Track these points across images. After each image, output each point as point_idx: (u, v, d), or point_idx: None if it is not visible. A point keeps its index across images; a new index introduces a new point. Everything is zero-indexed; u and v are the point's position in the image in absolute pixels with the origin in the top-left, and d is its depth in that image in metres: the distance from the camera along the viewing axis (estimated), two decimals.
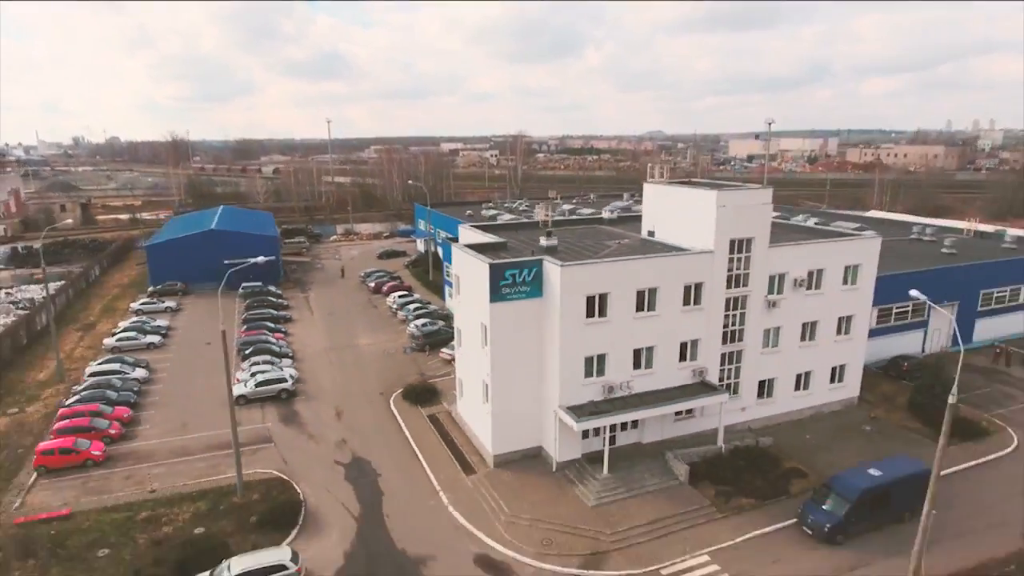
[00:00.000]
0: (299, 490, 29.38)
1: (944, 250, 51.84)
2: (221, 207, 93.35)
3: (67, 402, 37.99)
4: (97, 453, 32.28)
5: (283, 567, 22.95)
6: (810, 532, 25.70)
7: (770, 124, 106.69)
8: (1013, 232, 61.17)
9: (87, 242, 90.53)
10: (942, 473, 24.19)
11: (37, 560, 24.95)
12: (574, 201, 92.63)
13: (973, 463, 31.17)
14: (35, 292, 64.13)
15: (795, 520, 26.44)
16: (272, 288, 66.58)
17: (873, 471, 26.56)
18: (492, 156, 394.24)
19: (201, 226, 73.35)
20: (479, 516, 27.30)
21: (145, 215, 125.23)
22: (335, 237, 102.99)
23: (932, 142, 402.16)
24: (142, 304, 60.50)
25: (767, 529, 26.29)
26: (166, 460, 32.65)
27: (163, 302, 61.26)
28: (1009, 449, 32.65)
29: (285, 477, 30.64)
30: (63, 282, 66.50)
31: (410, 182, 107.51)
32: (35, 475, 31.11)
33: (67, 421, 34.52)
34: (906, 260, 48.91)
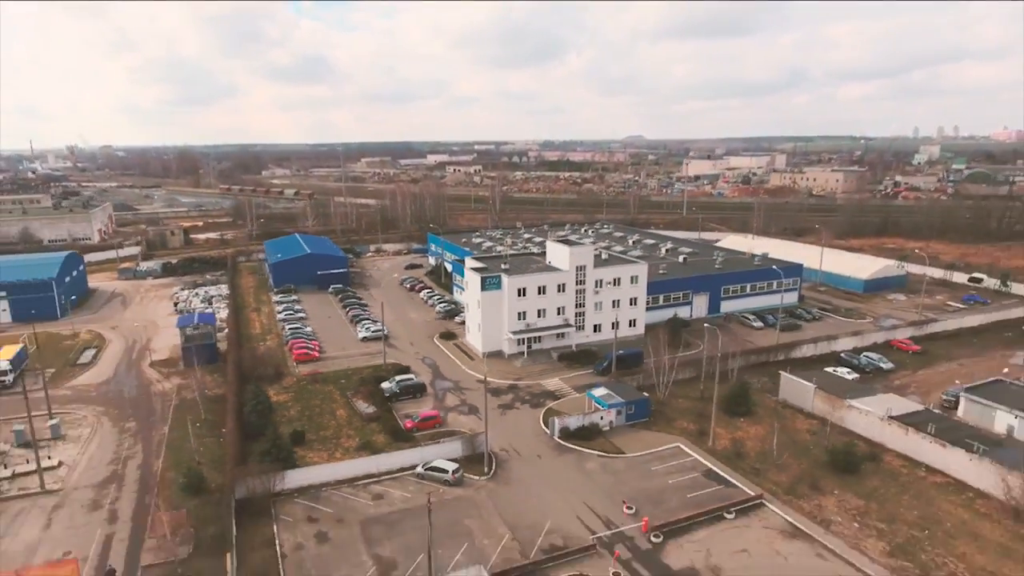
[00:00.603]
0: (408, 365, 74.72)
1: (716, 265, 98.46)
2: (297, 235, 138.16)
3: (287, 339, 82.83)
4: (317, 355, 77.54)
5: (412, 377, 68.32)
6: (596, 372, 71.62)
7: (685, 162, 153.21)
8: (773, 253, 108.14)
9: (207, 258, 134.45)
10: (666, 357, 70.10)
11: (320, 383, 70.06)
12: (533, 230, 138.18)
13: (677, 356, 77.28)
14: (212, 291, 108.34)
15: (592, 370, 72.38)
16: (349, 288, 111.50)
17: (620, 352, 72.39)
18: (476, 172, 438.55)
19: (299, 251, 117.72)
20: (476, 369, 72.68)
21: (224, 235, 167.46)
22: (370, 254, 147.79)
23: (878, 150, 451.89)
24: (279, 298, 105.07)
25: (582, 372, 72.14)
26: (344, 358, 77.74)
27: (290, 296, 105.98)
28: (696, 351, 78.64)
29: (400, 363, 75.99)
30: (224, 284, 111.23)
31: (431, 226, 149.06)
32: (297, 364, 76.12)
33: (298, 343, 79.56)
34: (693, 269, 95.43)
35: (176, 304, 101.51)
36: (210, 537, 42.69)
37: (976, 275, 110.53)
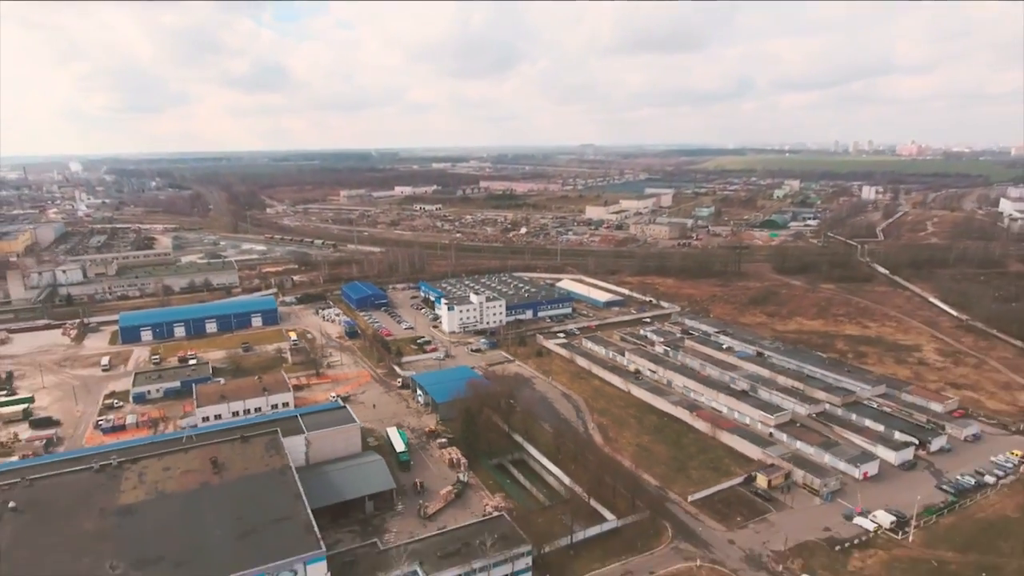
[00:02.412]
0: (423, 335, 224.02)
1: (540, 296, 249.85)
2: (357, 282, 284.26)
3: (379, 328, 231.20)
4: (391, 334, 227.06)
5: (425, 338, 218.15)
6: (486, 337, 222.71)
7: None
8: (578, 288, 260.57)
9: (313, 294, 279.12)
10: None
11: (397, 341, 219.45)
12: (471, 277, 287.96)
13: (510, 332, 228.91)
14: (333, 311, 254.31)
15: (485, 336, 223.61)
16: (389, 308, 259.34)
17: (492, 330, 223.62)
18: (438, 210, 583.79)
19: (365, 292, 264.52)
20: (445, 337, 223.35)
21: (313, 279, 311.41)
22: (390, 290, 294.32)
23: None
24: (364, 314, 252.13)
25: (481, 337, 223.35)
26: (400, 335, 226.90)
27: (369, 313, 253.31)
28: (521, 329, 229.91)
29: (420, 335, 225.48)
30: (336, 308, 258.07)
31: (424, 281, 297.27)
32: (386, 337, 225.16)
33: (383, 330, 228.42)
34: (528, 298, 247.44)
35: (323, 317, 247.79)
36: (390, 367, 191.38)
37: (650, 298, 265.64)
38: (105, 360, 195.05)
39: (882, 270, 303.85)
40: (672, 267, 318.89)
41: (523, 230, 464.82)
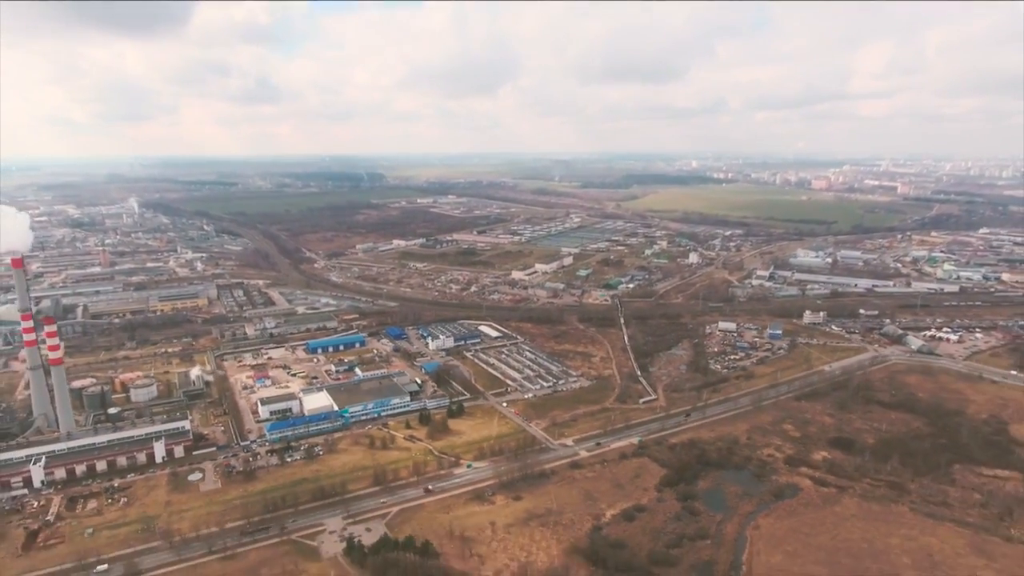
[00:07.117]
0: (422, 351, 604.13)
1: (468, 333, 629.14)
2: (393, 327, 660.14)
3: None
4: (411, 348, 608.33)
5: (422, 353, 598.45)
6: (444, 351, 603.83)
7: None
8: (486, 329, 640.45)
9: (372, 332, 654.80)
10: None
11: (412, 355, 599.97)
12: (442, 323, 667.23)
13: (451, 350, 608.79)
14: (387, 342, 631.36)
15: (444, 351, 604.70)
16: (407, 340, 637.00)
17: (447, 349, 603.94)
18: (425, 267, 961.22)
19: (396, 332, 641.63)
20: (430, 352, 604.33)
21: (371, 324, 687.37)
22: (407, 330, 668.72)
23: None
24: (398, 342, 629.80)
25: (445, 351, 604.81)
26: (413, 350, 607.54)
27: (400, 342, 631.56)
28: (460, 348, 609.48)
29: (423, 353, 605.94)
30: (389, 340, 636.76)
31: (419, 327, 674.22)
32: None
33: (408, 348, 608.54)
34: (458, 336, 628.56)
35: (381, 344, 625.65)
36: (412, 362, 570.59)
37: (515, 334, 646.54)
38: (315, 360, 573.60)
39: (622, 320, 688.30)
40: (533, 318, 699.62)
41: (473, 288, 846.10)
